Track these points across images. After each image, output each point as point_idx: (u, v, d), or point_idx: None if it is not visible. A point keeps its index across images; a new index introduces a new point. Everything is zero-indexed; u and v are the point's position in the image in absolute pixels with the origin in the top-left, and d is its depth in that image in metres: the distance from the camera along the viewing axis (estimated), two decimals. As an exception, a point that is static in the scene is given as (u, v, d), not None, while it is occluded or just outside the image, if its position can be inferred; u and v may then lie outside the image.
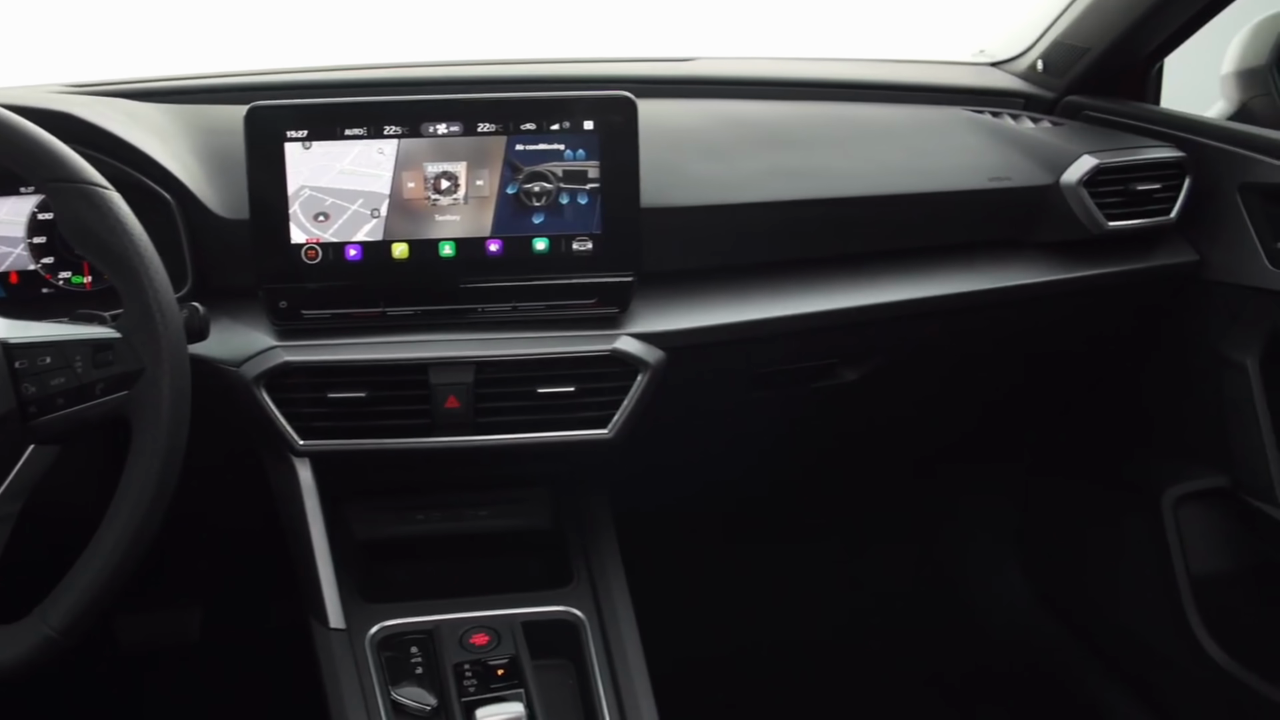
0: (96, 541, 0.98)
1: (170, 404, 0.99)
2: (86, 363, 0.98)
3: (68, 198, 0.99)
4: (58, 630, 0.97)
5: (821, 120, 1.53)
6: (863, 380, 1.48)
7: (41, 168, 0.99)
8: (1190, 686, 1.65)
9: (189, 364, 1.01)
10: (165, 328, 0.99)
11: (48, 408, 0.98)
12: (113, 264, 1.00)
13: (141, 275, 0.99)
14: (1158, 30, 1.61)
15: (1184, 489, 1.64)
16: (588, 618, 1.28)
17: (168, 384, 0.99)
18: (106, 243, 0.99)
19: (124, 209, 1.01)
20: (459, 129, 1.21)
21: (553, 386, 1.24)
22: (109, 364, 0.99)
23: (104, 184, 1.01)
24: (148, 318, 0.99)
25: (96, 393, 0.99)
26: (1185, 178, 1.53)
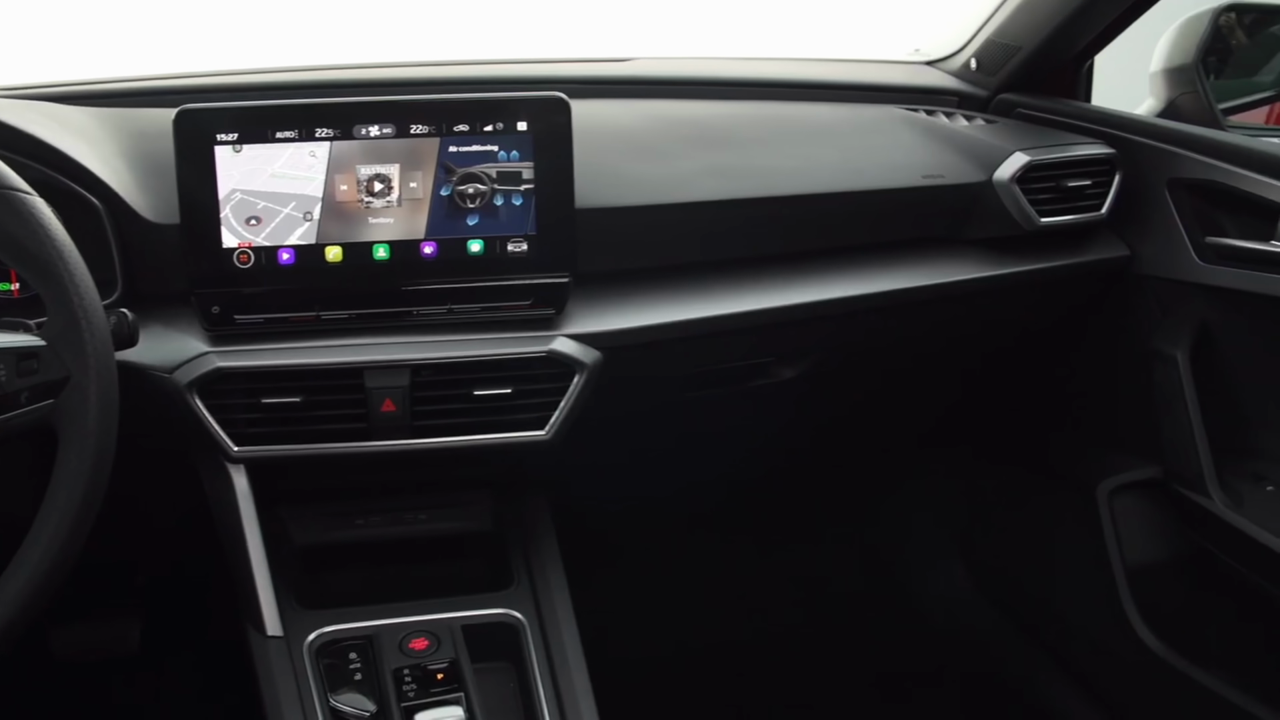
0: (23, 552, 0.97)
1: (97, 412, 0.98)
2: (10, 371, 0.97)
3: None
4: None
5: (758, 120, 1.54)
6: (800, 378, 1.49)
7: None
8: (1127, 674, 1.68)
9: (116, 371, 1.00)
10: (91, 335, 0.98)
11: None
12: (36, 271, 0.98)
13: (66, 282, 0.98)
14: (1086, 29, 1.63)
15: (1118, 480, 1.66)
16: (528, 620, 1.27)
17: (94, 392, 0.98)
18: (29, 249, 0.98)
19: (47, 215, 0.99)
20: (392, 131, 1.21)
21: (489, 388, 1.23)
22: (33, 372, 0.97)
23: (26, 189, 0.99)
24: (73, 325, 0.98)
25: (21, 402, 0.97)
26: (1115, 174, 1.56)
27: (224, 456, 1.21)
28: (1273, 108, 1.79)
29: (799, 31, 2.12)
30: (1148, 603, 1.63)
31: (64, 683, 1.83)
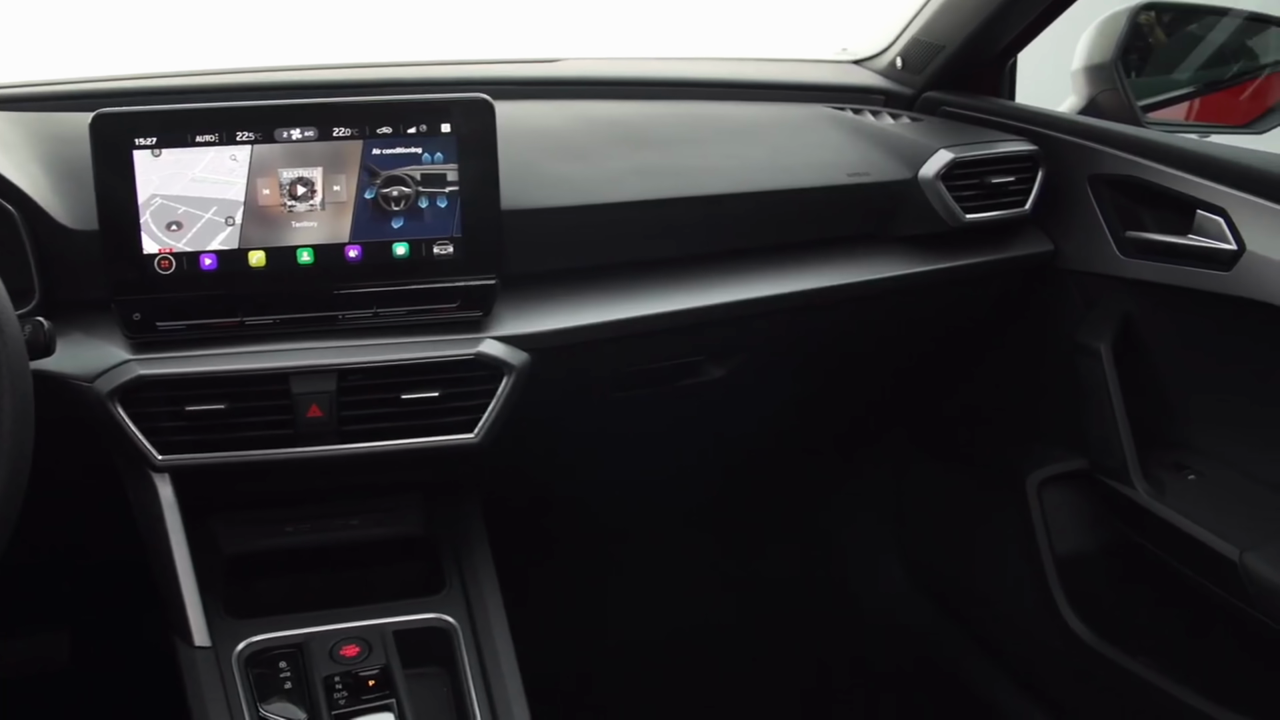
0: None
1: (11, 422, 0.96)
2: None
3: None
4: None
5: (684, 119, 1.55)
6: (730, 376, 1.50)
7: None
8: (1058, 662, 1.70)
9: (31, 380, 0.98)
10: (3, 344, 0.96)
11: (-121, 431, 0.94)
12: None
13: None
14: (1008, 28, 1.66)
15: (1046, 472, 1.69)
16: (460, 624, 1.27)
17: (8, 402, 0.96)
18: None
19: None
20: (314, 134, 1.20)
21: (417, 392, 1.23)
22: None
23: None
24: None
25: (-68, 413, 0.95)
26: (1038, 170, 1.58)
27: (148, 466, 1.20)
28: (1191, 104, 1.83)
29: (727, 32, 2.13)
30: (1076, 592, 1.66)
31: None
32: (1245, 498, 1.45)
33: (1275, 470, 1.44)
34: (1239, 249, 1.37)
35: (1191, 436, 1.54)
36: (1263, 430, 1.46)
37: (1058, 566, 1.67)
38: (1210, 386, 1.51)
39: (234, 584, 1.32)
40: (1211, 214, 1.41)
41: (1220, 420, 1.51)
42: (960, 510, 1.92)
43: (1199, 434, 1.54)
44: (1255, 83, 1.80)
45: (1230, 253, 1.38)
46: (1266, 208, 1.35)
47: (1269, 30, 1.76)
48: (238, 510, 1.36)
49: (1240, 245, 1.37)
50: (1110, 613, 1.64)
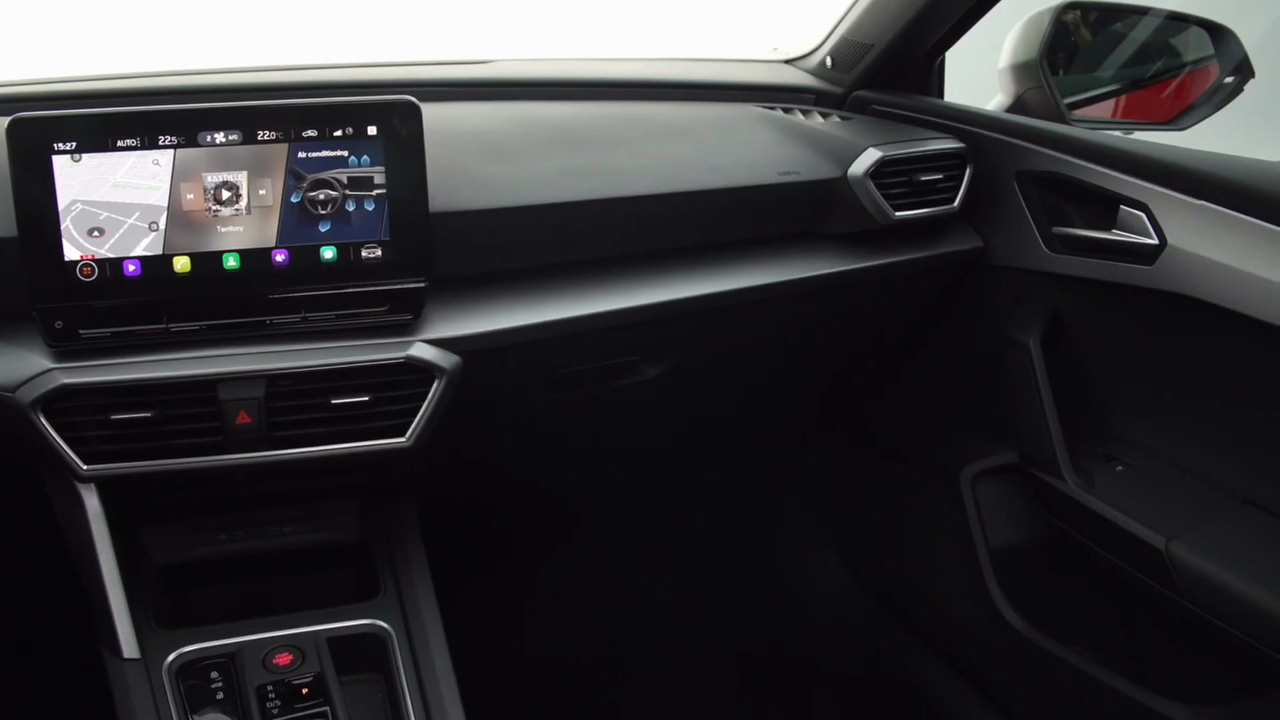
0: None
1: None
2: None
3: None
4: None
5: (614, 120, 1.55)
6: (664, 376, 1.51)
7: None
8: (995, 654, 1.73)
9: None
10: None
11: None
12: None
13: None
14: (934, 26, 1.68)
15: (979, 466, 1.71)
16: (394, 629, 1.27)
17: None
18: None
19: None
20: (238, 137, 1.19)
21: (347, 396, 1.22)
22: None
23: None
24: None
25: None
26: (966, 167, 1.61)
27: (73, 476, 1.19)
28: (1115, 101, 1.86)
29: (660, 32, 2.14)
30: (1010, 583, 1.68)
31: None
32: (1171, 487, 1.47)
33: (1200, 460, 1.47)
34: (1160, 243, 1.40)
35: (1119, 428, 1.57)
36: (1187, 421, 1.49)
37: (992, 559, 1.69)
38: (1136, 379, 1.54)
39: (166, 594, 1.30)
40: (1134, 209, 1.43)
41: (1147, 412, 1.54)
42: (897, 505, 1.94)
43: (1126, 425, 1.57)
44: (1177, 80, 1.83)
45: (1152, 247, 1.41)
46: (1187, 203, 1.38)
47: (1189, 29, 1.79)
48: (169, 519, 1.34)
49: (1162, 239, 1.40)
50: (1043, 603, 1.67)
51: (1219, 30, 1.76)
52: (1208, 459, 1.46)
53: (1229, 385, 1.41)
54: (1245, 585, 1.31)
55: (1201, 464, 1.47)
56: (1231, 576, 1.33)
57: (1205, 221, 1.36)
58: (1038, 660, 1.63)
